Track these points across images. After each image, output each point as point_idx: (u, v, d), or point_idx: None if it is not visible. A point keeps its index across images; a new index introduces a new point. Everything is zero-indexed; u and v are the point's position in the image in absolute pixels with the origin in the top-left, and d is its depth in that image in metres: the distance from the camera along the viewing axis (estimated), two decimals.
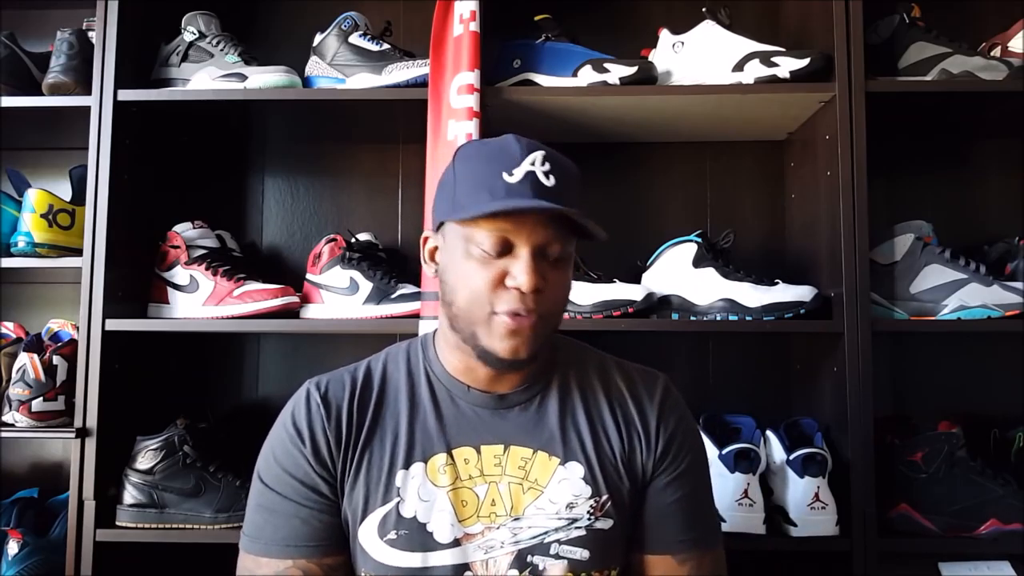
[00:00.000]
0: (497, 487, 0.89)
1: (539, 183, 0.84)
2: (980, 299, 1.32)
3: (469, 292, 0.85)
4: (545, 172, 0.85)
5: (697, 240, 1.41)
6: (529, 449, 0.91)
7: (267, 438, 0.94)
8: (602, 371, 0.98)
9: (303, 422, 0.91)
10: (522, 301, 0.84)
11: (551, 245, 0.85)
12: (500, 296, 0.84)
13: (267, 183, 1.68)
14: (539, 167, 0.85)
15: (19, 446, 1.64)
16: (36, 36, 1.58)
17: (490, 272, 0.84)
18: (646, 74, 1.37)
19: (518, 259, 0.84)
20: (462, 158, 0.90)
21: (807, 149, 1.48)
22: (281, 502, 0.89)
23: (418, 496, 0.88)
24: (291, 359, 1.65)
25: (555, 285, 0.86)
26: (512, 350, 0.85)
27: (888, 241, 1.41)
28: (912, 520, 1.30)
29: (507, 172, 0.84)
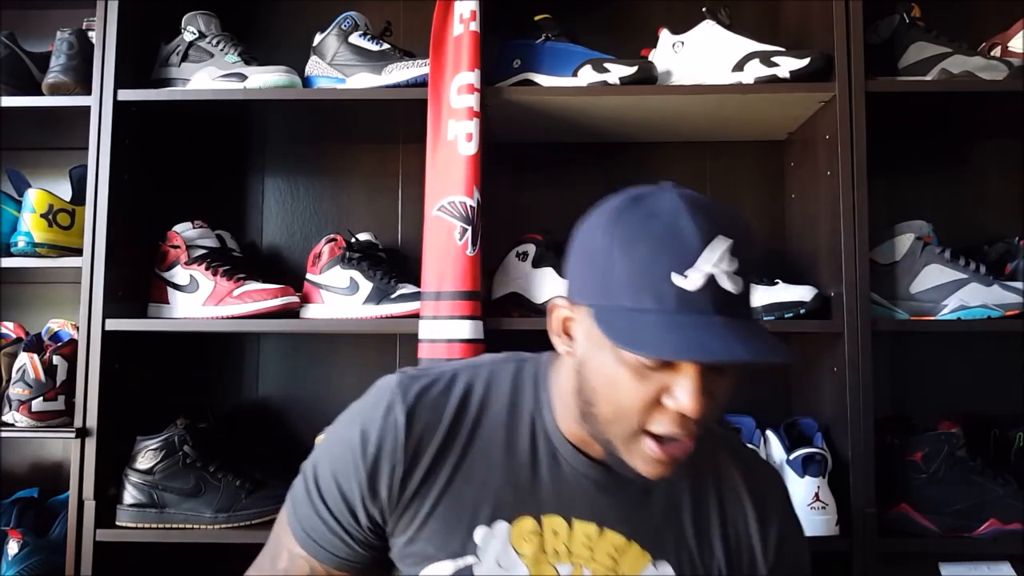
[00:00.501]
0: (582, 570, 0.79)
1: (722, 293, 0.67)
2: (980, 299, 1.32)
3: (616, 406, 0.71)
4: (731, 274, 0.67)
5: None
6: (623, 537, 0.80)
7: (338, 419, 0.85)
8: (717, 459, 0.86)
9: (373, 437, 0.78)
10: (682, 425, 0.69)
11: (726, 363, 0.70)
12: (654, 416, 0.70)
13: (267, 183, 1.68)
14: (723, 267, 0.67)
15: (19, 446, 1.64)
16: (36, 36, 1.58)
17: (646, 387, 0.69)
18: (646, 74, 1.37)
19: (683, 376, 0.68)
20: (621, 234, 0.70)
21: (807, 149, 1.48)
22: (319, 500, 0.81)
23: (496, 562, 0.78)
24: (291, 359, 1.65)
25: (720, 398, 0.71)
26: (658, 475, 0.73)
27: (888, 241, 1.41)
28: (912, 520, 1.30)
29: (679, 272, 0.66)
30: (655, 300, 0.67)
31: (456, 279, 1.30)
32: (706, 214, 0.69)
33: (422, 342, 1.31)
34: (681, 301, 0.66)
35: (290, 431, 1.59)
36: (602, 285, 0.70)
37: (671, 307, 0.66)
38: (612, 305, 0.69)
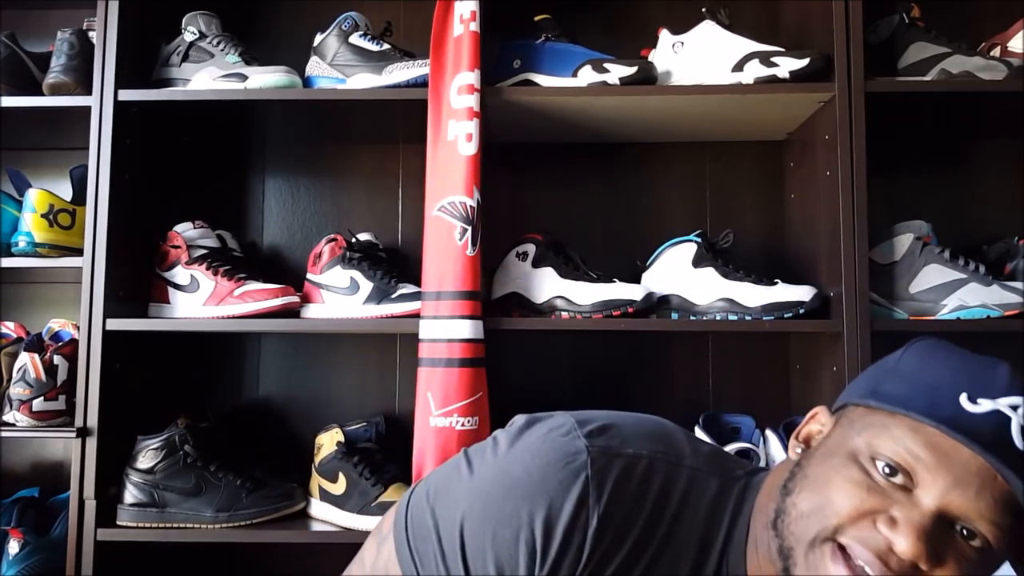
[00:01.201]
0: None
1: (1007, 435, 0.58)
2: (979, 299, 1.32)
3: (822, 498, 0.62)
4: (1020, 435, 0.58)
5: (697, 240, 1.42)
6: None
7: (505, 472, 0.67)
8: None
9: (559, 537, 0.63)
10: (882, 558, 0.58)
11: (973, 519, 0.59)
12: (859, 528, 0.60)
13: (267, 183, 1.68)
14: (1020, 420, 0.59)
15: (20, 446, 1.64)
16: (36, 36, 1.58)
17: (867, 497, 0.60)
18: (646, 74, 1.37)
19: (911, 506, 0.59)
20: (920, 349, 0.67)
21: (807, 149, 1.48)
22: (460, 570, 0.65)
23: None
24: (291, 359, 1.65)
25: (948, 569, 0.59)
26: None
27: (887, 241, 1.41)
28: None
29: (965, 392, 0.60)
30: (928, 402, 0.60)
31: (456, 279, 1.30)
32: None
33: (422, 342, 1.31)
34: (957, 417, 0.59)
35: (290, 431, 1.59)
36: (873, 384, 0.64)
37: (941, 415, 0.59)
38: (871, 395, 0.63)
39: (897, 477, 0.60)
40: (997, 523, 0.58)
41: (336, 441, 1.40)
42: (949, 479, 0.58)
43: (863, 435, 0.63)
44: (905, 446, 0.60)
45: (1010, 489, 0.58)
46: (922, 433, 0.60)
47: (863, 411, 0.65)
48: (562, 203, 1.64)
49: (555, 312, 1.38)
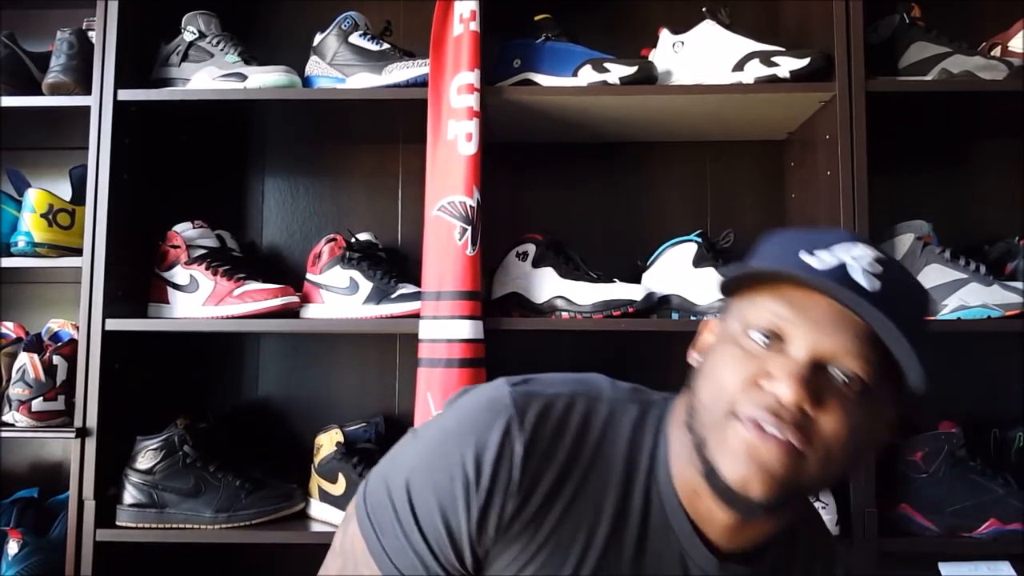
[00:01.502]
0: None
1: (851, 280, 0.62)
2: (980, 299, 1.32)
3: (715, 387, 0.66)
4: (868, 271, 0.63)
5: (697, 240, 1.41)
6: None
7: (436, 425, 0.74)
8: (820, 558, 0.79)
9: (487, 468, 0.68)
10: (774, 412, 0.62)
11: (844, 360, 0.63)
12: (749, 396, 0.64)
13: (267, 183, 1.68)
14: (862, 263, 0.63)
15: (19, 446, 1.64)
16: (36, 36, 1.58)
17: (748, 366, 0.65)
18: (646, 74, 1.37)
19: (788, 359, 0.63)
20: (766, 239, 0.74)
21: (807, 149, 1.48)
22: (409, 519, 0.69)
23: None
24: (291, 359, 1.65)
25: (836, 419, 0.63)
26: (742, 480, 0.63)
27: (888, 241, 1.41)
28: (912, 520, 1.30)
29: (810, 251, 0.65)
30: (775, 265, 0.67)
31: (456, 279, 1.30)
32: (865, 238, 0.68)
33: (422, 342, 1.31)
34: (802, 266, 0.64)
35: (290, 431, 1.59)
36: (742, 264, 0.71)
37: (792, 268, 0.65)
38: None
39: (771, 342, 0.65)
40: (864, 357, 0.63)
41: (336, 442, 1.40)
42: (811, 327, 0.63)
43: (736, 318, 0.68)
44: (768, 310, 0.65)
45: (868, 325, 0.62)
46: (781, 296, 0.65)
47: (735, 301, 0.70)
48: (562, 203, 1.64)
49: (555, 312, 1.38)
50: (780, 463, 0.62)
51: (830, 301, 0.63)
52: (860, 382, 0.63)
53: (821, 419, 0.63)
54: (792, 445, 0.62)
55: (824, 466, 0.64)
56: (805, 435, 0.62)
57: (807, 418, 0.62)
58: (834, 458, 0.64)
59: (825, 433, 0.63)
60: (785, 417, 0.62)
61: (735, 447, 0.63)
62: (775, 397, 0.62)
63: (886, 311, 0.60)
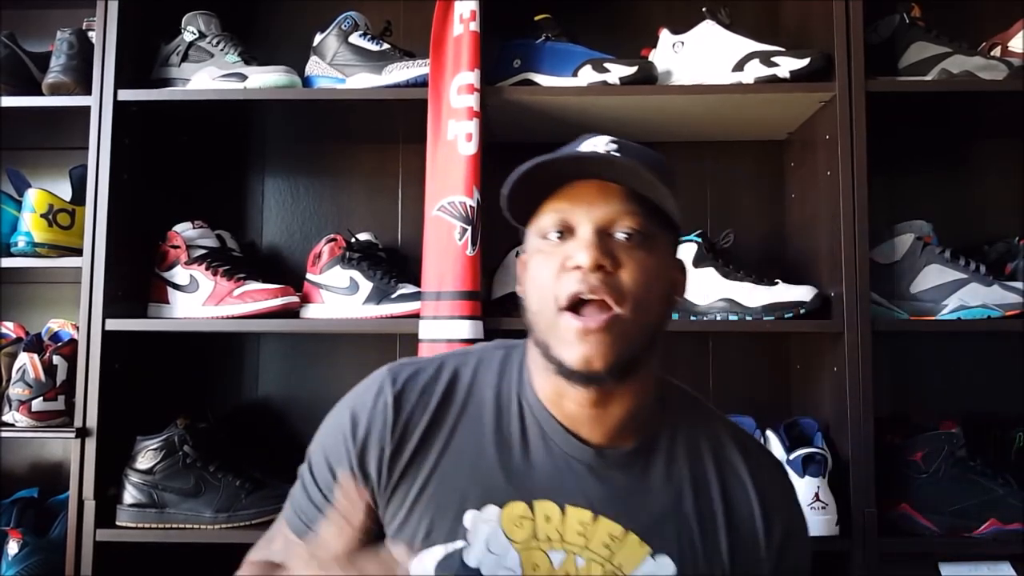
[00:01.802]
0: (575, 559, 0.77)
1: (596, 153, 0.75)
2: (980, 299, 1.32)
3: (536, 286, 0.76)
4: (609, 150, 0.75)
5: (697, 240, 1.41)
6: (620, 527, 0.78)
7: (334, 409, 0.87)
8: (717, 442, 0.84)
9: (363, 420, 0.81)
10: (584, 281, 0.72)
11: (619, 221, 0.74)
12: (562, 281, 0.74)
13: (267, 183, 1.68)
14: (602, 147, 0.75)
15: (19, 446, 1.64)
16: (36, 36, 1.58)
17: (554, 259, 0.75)
18: (646, 74, 1.37)
19: (579, 237, 0.74)
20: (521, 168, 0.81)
21: (807, 149, 1.48)
22: (312, 485, 0.83)
23: (486, 546, 0.76)
24: (291, 359, 1.65)
25: (631, 269, 0.74)
26: (584, 359, 0.72)
27: (888, 241, 1.41)
28: (912, 520, 1.30)
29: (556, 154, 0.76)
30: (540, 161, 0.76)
31: (456, 279, 1.30)
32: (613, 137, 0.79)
33: (422, 342, 1.31)
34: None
35: (290, 431, 1.59)
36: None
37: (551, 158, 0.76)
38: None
39: (563, 235, 0.76)
40: (632, 212, 0.75)
41: None
42: (586, 207, 0.75)
43: (533, 234, 0.79)
44: (551, 213, 0.76)
45: (626, 188, 0.75)
46: (556, 200, 0.76)
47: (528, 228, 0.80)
48: None
49: None
50: (606, 331, 0.72)
51: (593, 183, 0.75)
52: (638, 233, 0.75)
53: (621, 275, 0.74)
54: (609, 310, 0.73)
55: (639, 318, 0.74)
56: (613, 291, 0.73)
57: (610, 276, 0.73)
58: (643, 306, 0.74)
59: (628, 285, 0.74)
60: (593, 281, 0.72)
61: (569, 337, 0.73)
62: (580, 269, 0.73)
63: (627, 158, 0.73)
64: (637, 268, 0.74)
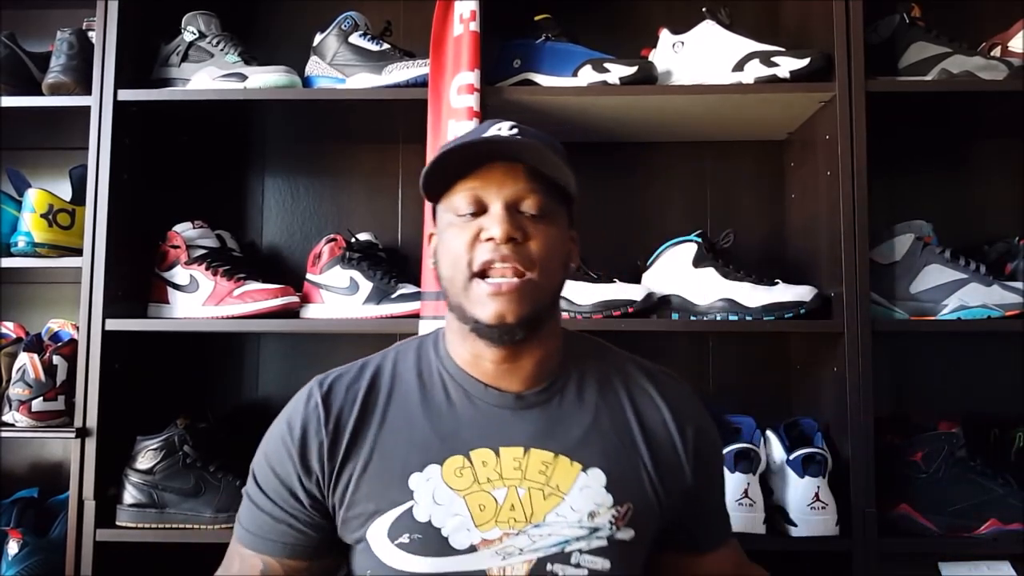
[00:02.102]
0: (516, 492, 0.85)
1: (500, 136, 0.85)
2: (980, 299, 1.32)
3: (451, 256, 0.85)
4: (509, 133, 0.85)
5: (697, 240, 1.41)
6: (550, 453, 0.87)
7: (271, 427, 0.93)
8: (625, 373, 0.94)
9: (298, 423, 0.88)
10: (496, 251, 0.82)
11: (525, 198, 0.84)
12: (476, 251, 0.83)
13: (267, 183, 1.68)
14: (503, 132, 0.85)
15: (19, 446, 1.64)
16: (36, 36, 1.58)
17: (467, 232, 0.84)
18: (646, 74, 1.37)
19: (491, 213, 0.84)
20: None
21: (807, 149, 1.48)
22: (260, 497, 0.89)
23: (433, 499, 0.84)
24: (291, 359, 1.65)
25: (538, 240, 0.84)
26: (497, 315, 0.82)
27: (888, 241, 1.41)
28: (912, 520, 1.30)
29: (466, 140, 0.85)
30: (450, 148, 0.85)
31: None
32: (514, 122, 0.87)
33: None
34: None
35: None
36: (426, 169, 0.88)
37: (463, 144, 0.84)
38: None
39: (475, 212, 0.84)
40: (536, 190, 0.84)
41: None
42: (495, 187, 0.84)
43: (446, 210, 0.88)
44: (464, 191, 0.85)
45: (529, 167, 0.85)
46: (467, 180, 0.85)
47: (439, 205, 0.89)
48: None
49: None
50: (514, 290, 0.82)
51: (500, 165, 0.84)
52: (541, 208, 0.85)
53: (529, 245, 0.83)
54: (521, 275, 0.82)
55: (543, 277, 0.84)
56: (523, 259, 0.83)
57: (519, 246, 0.83)
58: (547, 271, 0.85)
59: (535, 253, 0.84)
60: (505, 251, 0.82)
61: (481, 297, 0.83)
62: (492, 240, 0.82)
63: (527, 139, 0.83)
64: (542, 238, 0.84)
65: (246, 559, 0.89)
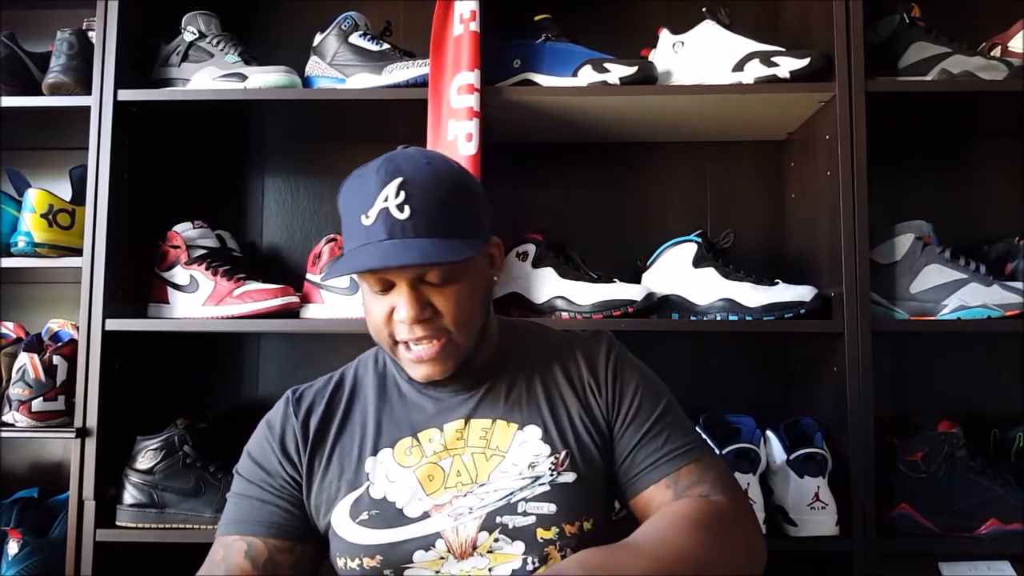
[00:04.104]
0: (461, 459, 0.93)
1: (392, 219, 0.84)
2: (980, 299, 1.32)
3: (373, 326, 0.92)
4: (399, 205, 0.84)
5: (697, 240, 1.41)
6: (488, 420, 0.95)
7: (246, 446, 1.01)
8: (554, 345, 1.02)
9: (277, 420, 0.98)
10: (411, 332, 0.87)
11: (427, 274, 0.87)
12: (394, 327, 0.89)
13: (267, 183, 1.68)
14: (392, 201, 0.84)
15: (19, 446, 1.64)
16: (36, 36, 1.58)
17: (382, 307, 0.89)
18: (646, 74, 1.37)
19: (397, 293, 0.87)
20: (342, 196, 0.92)
21: (807, 149, 1.48)
22: (246, 486, 0.96)
23: (386, 478, 0.93)
24: (291, 359, 1.65)
25: (448, 305, 0.88)
26: (425, 376, 0.90)
27: (888, 241, 1.41)
28: (912, 520, 1.30)
29: (364, 214, 0.85)
30: (355, 240, 0.87)
31: None
32: (391, 163, 0.87)
33: None
34: (367, 235, 0.85)
35: None
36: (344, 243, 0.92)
37: (361, 241, 0.86)
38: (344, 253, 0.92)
39: (386, 290, 0.88)
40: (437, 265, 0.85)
41: None
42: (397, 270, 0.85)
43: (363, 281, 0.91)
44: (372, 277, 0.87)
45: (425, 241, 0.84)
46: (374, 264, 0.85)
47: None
48: (562, 203, 1.64)
49: (555, 312, 1.38)
50: (435, 354, 0.88)
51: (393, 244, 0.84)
52: (443, 277, 0.87)
53: (439, 316, 0.88)
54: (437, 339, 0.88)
55: (462, 331, 0.89)
56: (437, 329, 0.88)
57: (430, 320, 0.87)
58: (464, 324, 0.89)
59: (447, 320, 0.88)
60: (418, 331, 0.87)
61: (407, 362, 0.91)
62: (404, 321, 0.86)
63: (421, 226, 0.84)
64: (453, 303, 0.88)
65: (230, 545, 0.92)
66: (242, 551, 0.91)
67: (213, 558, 0.93)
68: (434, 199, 0.85)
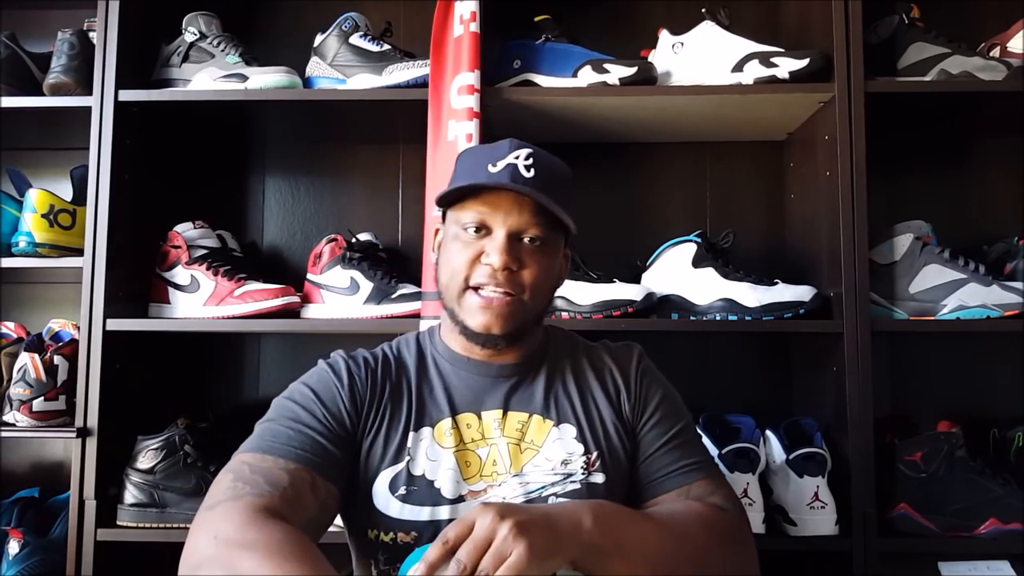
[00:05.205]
0: (497, 448, 0.96)
1: (518, 173, 0.91)
2: (979, 299, 1.32)
3: (450, 268, 0.94)
4: (527, 166, 0.92)
5: (697, 240, 1.42)
6: (525, 414, 0.98)
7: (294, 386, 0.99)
8: (588, 350, 1.07)
9: (342, 370, 0.98)
10: (493, 277, 0.92)
11: (527, 230, 0.92)
12: (475, 271, 0.93)
13: (268, 183, 1.68)
14: (521, 161, 0.92)
15: (20, 446, 1.64)
16: (37, 36, 1.58)
17: (469, 251, 0.93)
18: (646, 74, 1.37)
19: (493, 239, 0.92)
20: (462, 156, 1.01)
21: (807, 149, 1.48)
22: (300, 412, 0.93)
23: (426, 456, 0.95)
24: (291, 359, 1.65)
25: (532, 268, 0.93)
26: (484, 325, 0.93)
27: (887, 241, 1.41)
28: (912, 520, 1.30)
29: (492, 164, 0.92)
30: (472, 178, 0.93)
31: None
32: (524, 143, 0.95)
33: None
34: (489, 177, 0.92)
35: None
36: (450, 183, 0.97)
37: (481, 179, 0.92)
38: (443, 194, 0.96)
39: (480, 232, 0.93)
40: (538, 224, 0.93)
41: None
42: (503, 214, 0.92)
43: (454, 222, 0.96)
44: (474, 211, 0.93)
45: (534, 200, 0.91)
46: (480, 199, 0.93)
47: (450, 211, 0.97)
48: None
49: (555, 312, 1.38)
50: (506, 307, 0.93)
51: (511, 193, 0.92)
52: (540, 240, 0.94)
53: (523, 273, 0.93)
54: (511, 295, 0.92)
55: (532, 300, 0.94)
56: (515, 286, 0.93)
57: (514, 274, 0.92)
58: (537, 293, 0.95)
59: (527, 280, 0.93)
60: (499, 279, 0.92)
61: (472, 307, 0.93)
62: (491, 266, 0.92)
63: (541, 188, 0.91)
64: (537, 268, 0.94)
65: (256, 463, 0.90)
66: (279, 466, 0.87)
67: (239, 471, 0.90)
68: (556, 174, 0.95)
